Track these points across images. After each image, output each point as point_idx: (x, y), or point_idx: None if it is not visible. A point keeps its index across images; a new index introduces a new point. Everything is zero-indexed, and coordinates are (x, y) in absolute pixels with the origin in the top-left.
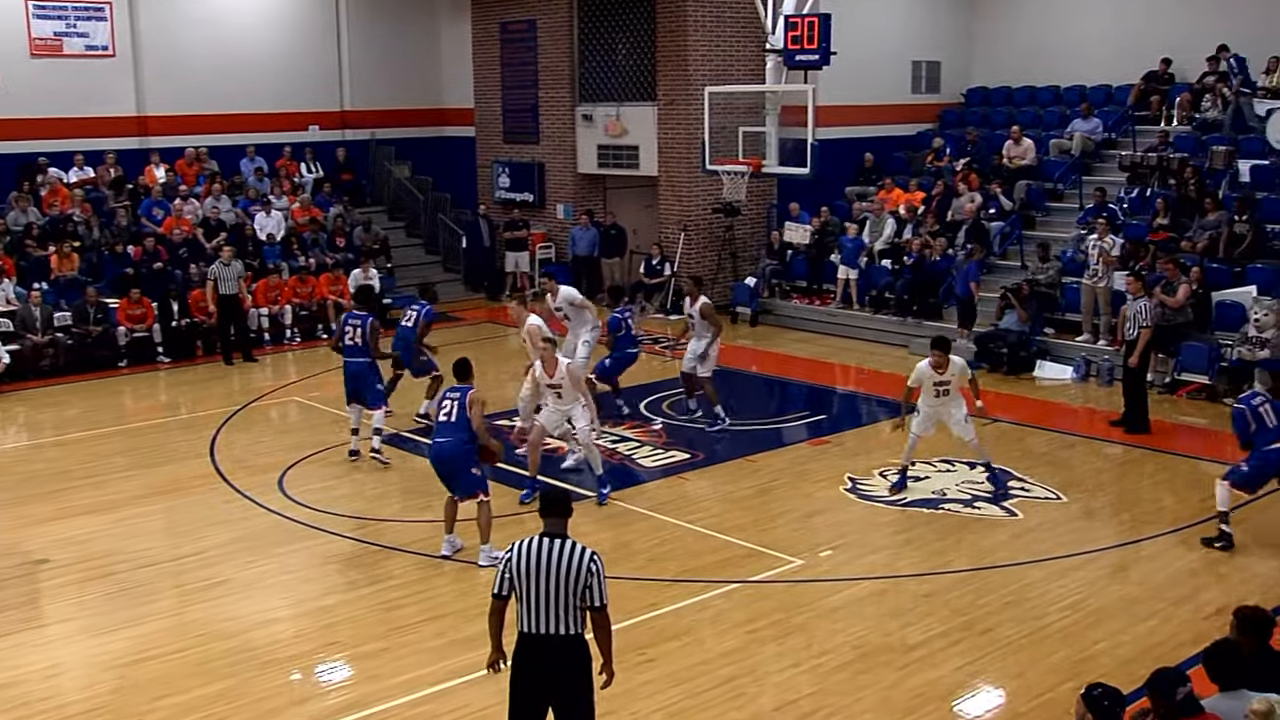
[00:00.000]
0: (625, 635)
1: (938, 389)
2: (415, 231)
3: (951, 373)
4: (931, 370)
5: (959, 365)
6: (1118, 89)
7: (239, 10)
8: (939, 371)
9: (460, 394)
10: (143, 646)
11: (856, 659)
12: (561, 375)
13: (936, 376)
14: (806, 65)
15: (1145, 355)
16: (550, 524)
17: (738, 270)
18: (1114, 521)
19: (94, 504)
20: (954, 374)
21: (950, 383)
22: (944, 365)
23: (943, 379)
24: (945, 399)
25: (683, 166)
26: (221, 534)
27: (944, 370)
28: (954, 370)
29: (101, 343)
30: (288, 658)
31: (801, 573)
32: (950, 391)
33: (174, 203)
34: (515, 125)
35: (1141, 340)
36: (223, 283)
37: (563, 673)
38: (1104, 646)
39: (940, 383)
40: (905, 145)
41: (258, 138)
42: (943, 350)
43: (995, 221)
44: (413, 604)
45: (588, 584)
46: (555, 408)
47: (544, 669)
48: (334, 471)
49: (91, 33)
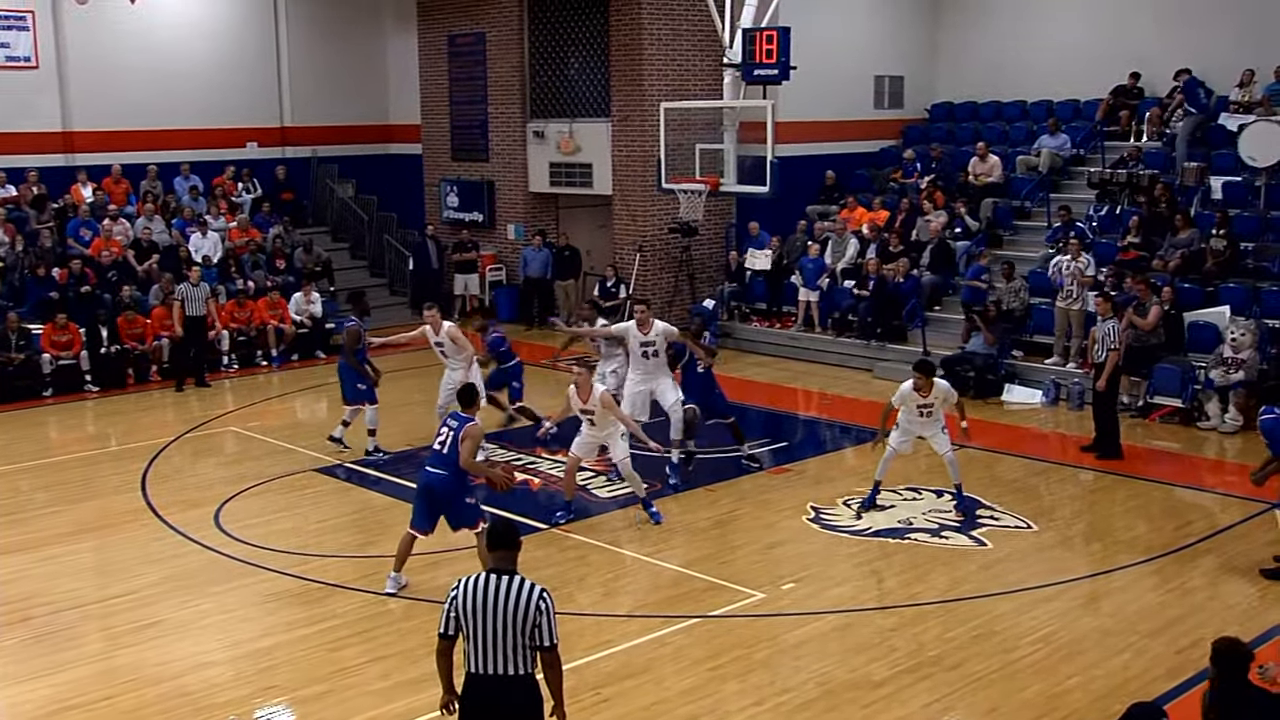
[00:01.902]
0: (579, 674)
1: (921, 411)
2: (360, 253)
3: (935, 395)
4: (914, 393)
5: (943, 388)
6: (1086, 104)
7: (171, 21)
8: (922, 395)
9: (459, 425)
10: (66, 694)
11: (821, 696)
12: (594, 402)
13: (920, 399)
14: (765, 80)
15: (1114, 378)
16: (497, 558)
17: (695, 292)
18: (1086, 551)
19: (14, 543)
20: (938, 396)
21: (934, 405)
22: (927, 389)
23: (926, 402)
24: (928, 419)
25: (638, 185)
26: (153, 573)
27: (927, 394)
28: (938, 393)
29: (24, 371)
30: (224, 703)
31: (763, 606)
32: (934, 414)
33: (103, 223)
34: (464, 142)
35: (1110, 363)
36: (190, 303)
37: (512, 715)
38: (1078, 681)
39: (924, 405)
40: (868, 162)
41: (192, 155)
42: (925, 374)
43: (961, 241)
44: (357, 644)
45: (536, 623)
46: (588, 434)
47: (493, 711)
48: (274, 504)
49: (12, 43)
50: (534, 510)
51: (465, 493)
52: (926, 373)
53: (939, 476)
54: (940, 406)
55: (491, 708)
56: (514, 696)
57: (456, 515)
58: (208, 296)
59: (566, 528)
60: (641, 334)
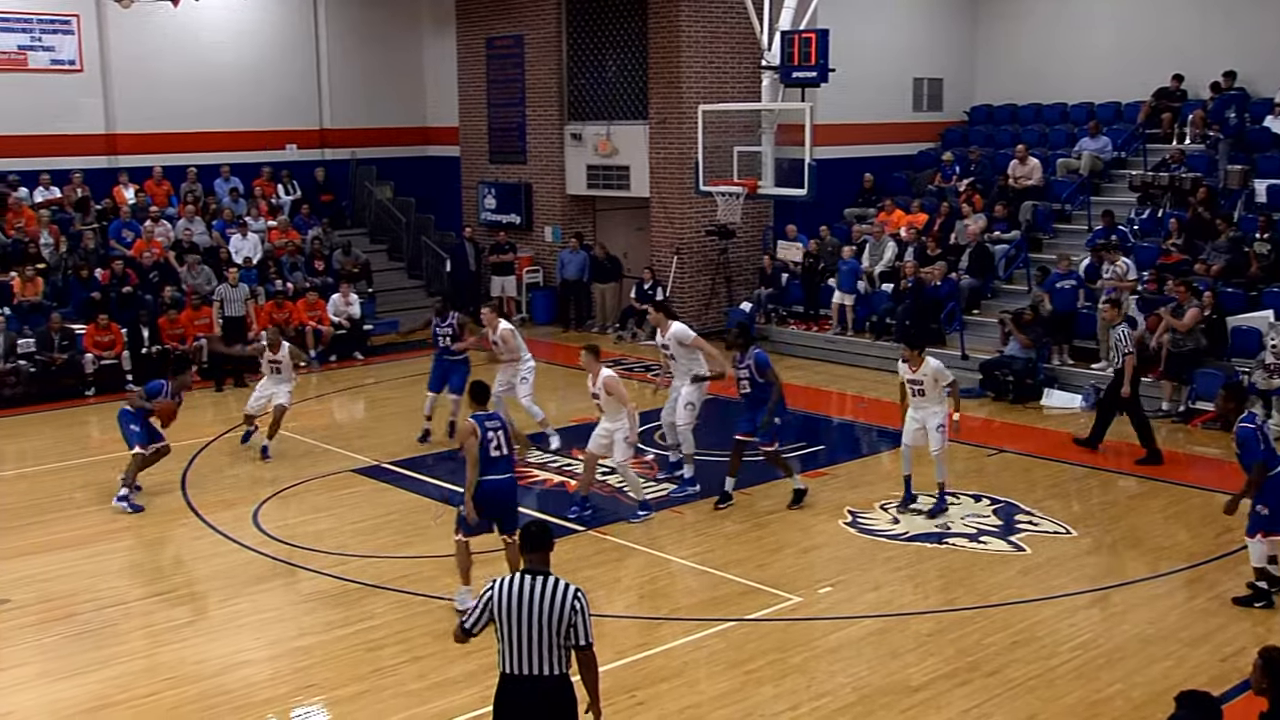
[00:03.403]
0: (615, 676)
1: (912, 388)
2: (397, 255)
3: (924, 372)
4: (903, 365)
5: (933, 366)
6: (1127, 106)
7: (213, 24)
8: (910, 369)
9: (499, 424)
10: (108, 691)
11: (858, 701)
12: (598, 387)
13: (909, 374)
14: (804, 83)
15: (1136, 382)
16: (531, 560)
17: (732, 295)
18: (1126, 557)
19: (57, 540)
20: (927, 374)
21: (923, 383)
22: (915, 362)
23: (915, 377)
24: (923, 401)
25: (675, 187)
26: (192, 571)
27: (916, 368)
28: (927, 370)
29: (67, 371)
30: (262, 701)
31: (800, 610)
32: (925, 393)
33: (144, 224)
34: (502, 145)
35: (1128, 368)
36: (229, 304)
37: (548, 715)
38: (1119, 688)
39: (913, 381)
40: (907, 165)
41: (232, 157)
42: (908, 344)
43: (1000, 244)
44: (394, 644)
45: (572, 622)
46: (599, 427)
47: (529, 711)
48: (312, 504)
49: (58, 46)
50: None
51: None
52: (909, 343)
53: (976, 480)
54: (932, 389)
55: (527, 708)
56: (550, 697)
57: (513, 519)
58: (246, 297)
59: (604, 530)
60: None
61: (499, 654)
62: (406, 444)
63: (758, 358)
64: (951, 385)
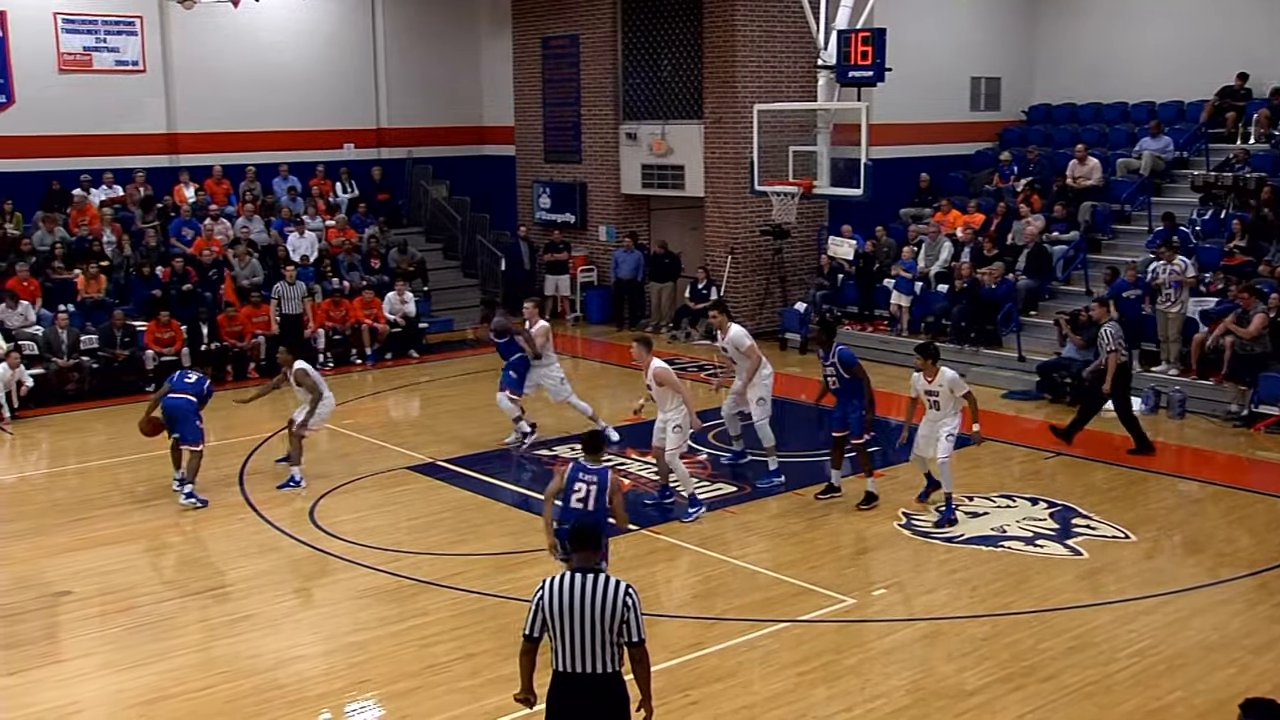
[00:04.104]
0: (668, 676)
1: (928, 399)
2: (453, 254)
3: (940, 382)
4: (918, 375)
5: (949, 376)
6: (1190, 105)
7: (272, 25)
8: (928, 380)
9: (599, 478)
10: (166, 684)
11: (912, 704)
12: (650, 378)
13: (926, 385)
14: (860, 82)
15: (1120, 380)
16: (581, 558)
17: (787, 295)
18: (1187, 562)
19: (117, 534)
20: (943, 384)
21: (939, 394)
22: (931, 373)
23: (930, 388)
24: (937, 415)
25: (730, 187)
26: (249, 566)
27: (932, 378)
28: (943, 380)
29: (128, 367)
30: (316, 696)
31: (854, 612)
32: (941, 405)
33: (204, 223)
34: (557, 144)
35: (1111, 366)
36: (286, 302)
37: (601, 713)
38: (1179, 696)
39: (929, 393)
40: (963, 165)
41: (291, 156)
42: (923, 355)
43: (1059, 245)
44: (447, 641)
45: (624, 618)
46: (659, 417)
47: (582, 709)
48: (367, 501)
49: (122, 47)
50: None
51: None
52: (925, 354)
53: (1033, 484)
54: (948, 400)
55: (580, 706)
56: (602, 694)
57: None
58: (303, 295)
59: (657, 530)
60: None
61: (551, 652)
62: (461, 441)
63: (841, 354)
64: (968, 396)
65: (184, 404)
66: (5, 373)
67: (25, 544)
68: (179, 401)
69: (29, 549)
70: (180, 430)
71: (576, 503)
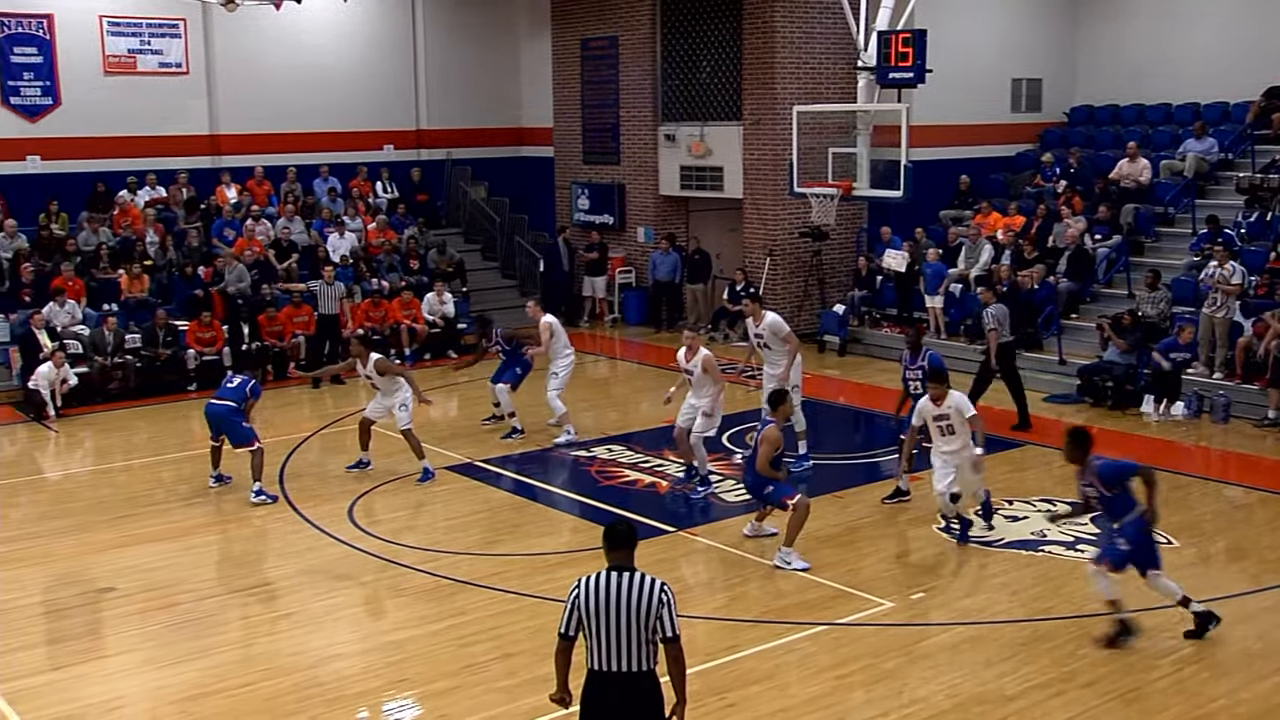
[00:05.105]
0: (705, 678)
1: (939, 425)
2: (491, 255)
3: (949, 405)
4: (930, 404)
5: (957, 399)
6: (1235, 106)
7: (314, 27)
8: (937, 404)
9: (761, 427)
10: (208, 680)
11: (951, 709)
12: (694, 363)
13: (935, 410)
14: (900, 83)
15: (1006, 355)
16: (616, 557)
17: (825, 298)
18: (1231, 569)
19: (160, 531)
20: (952, 407)
21: (950, 417)
22: (942, 398)
23: (941, 412)
24: (952, 441)
25: (769, 189)
26: (289, 565)
27: (942, 403)
28: (952, 403)
29: (170, 366)
30: (355, 694)
31: (892, 616)
32: (955, 429)
33: (245, 223)
34: (595, 145)
35: (992, 343)
36: (323, 302)
37: (636, 710)
38: (1222, 704)
39: (940, 417)
40: (1004, 167)
41: (331, 157)
42: (937, 381)
43: (1101, 247)
44: (485, 641)
45: (659, 615)
46: (689, 402)
47: (617, 707)
48: (406, 501)
49: (165, 50)
50: (660, 513)
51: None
52: (939, 380)
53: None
54: (960, 424)
55: (615, 704)
56: (637, 692)
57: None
58: (341, 296)
59: (694, 531)
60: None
61: (587, 650)
62: (499, 442)
63: (933, 358)
64: (974, 420)
65: (223, 410)
66: (50, 371)
67: (70, 540)
68: (218, 408)
69: (74, 545)
70: (227, 435)
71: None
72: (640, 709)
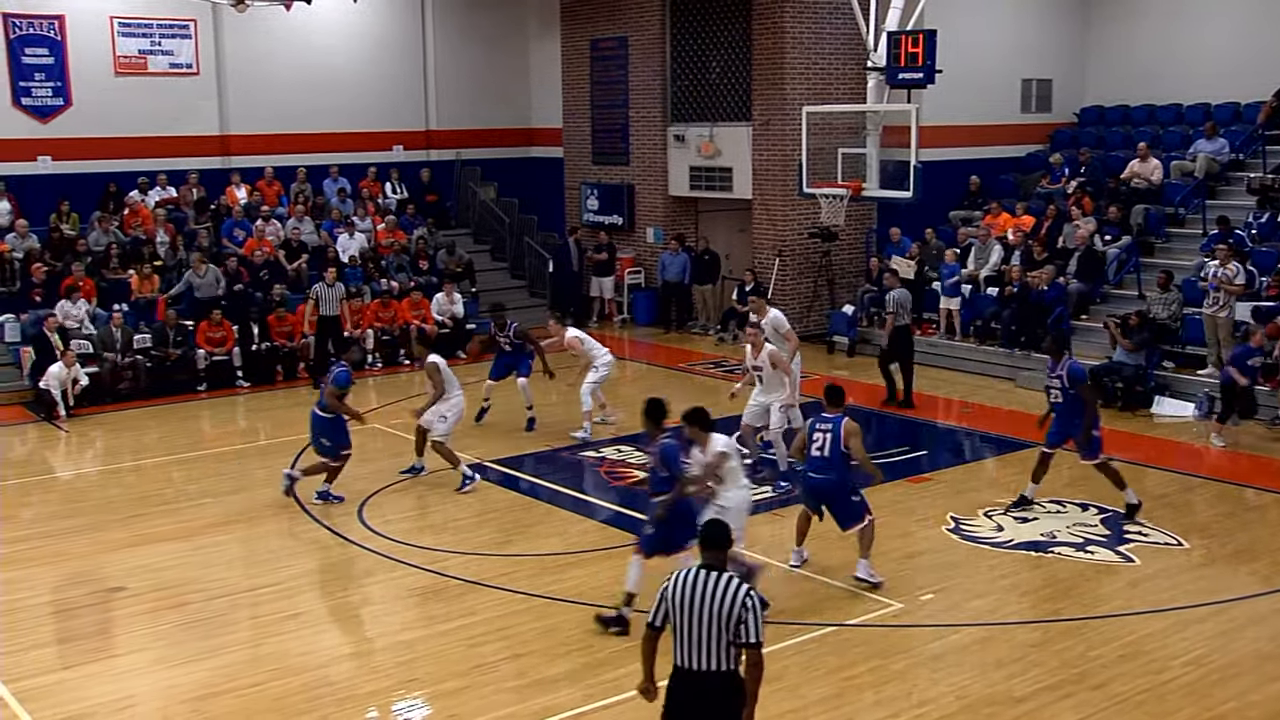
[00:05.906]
0: None
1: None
2: (500, 255)
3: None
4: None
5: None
6: (1246, 107)
7: (323, 28)
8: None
9: (833, 425)
10: (218, 680)
11: (960, 710)
12: (761, 359)
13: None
14: (910, 84)
15: (904, 338)
16: (708, 556)
17: (835, 298)
18: (1241, 571)
19: (170, 531)
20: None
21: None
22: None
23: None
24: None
25: (778, 189)
26: (298, 565)
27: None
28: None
29: (180, 366)
30: (365, 694)
31: (901, 617)
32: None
33: (255, 223)
34: (604, 146)
35: (888, 325)
36: (324, 303)
37: (716, 709)
38: (1233, 706)
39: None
40: (1014, 167)
41: (341, 158)
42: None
43: (1111, 248)
44: (495, 641)
45: (742, 619)
46: (755, 400)
47: (697, 705)
48: (415, 502)
49: (176, 51)
50: None
51: (849, 490)
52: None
53: (1083, 489)
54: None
55: (696, 701)
56: (715, 692)
57: (844, 514)
58: (342, 297)
59: None
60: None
61: (672, 647)
62: (508, 443)
63: (1072, 368)
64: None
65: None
66: (61, 371)
67: (81, 540)
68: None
69: (85, 545)
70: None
71: (815, 452)
72: (717, 709)
